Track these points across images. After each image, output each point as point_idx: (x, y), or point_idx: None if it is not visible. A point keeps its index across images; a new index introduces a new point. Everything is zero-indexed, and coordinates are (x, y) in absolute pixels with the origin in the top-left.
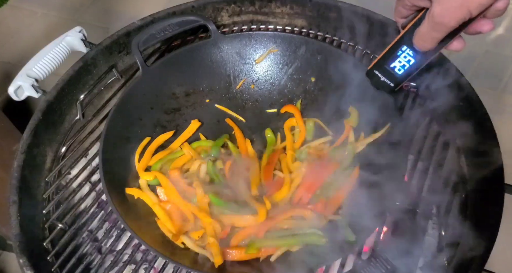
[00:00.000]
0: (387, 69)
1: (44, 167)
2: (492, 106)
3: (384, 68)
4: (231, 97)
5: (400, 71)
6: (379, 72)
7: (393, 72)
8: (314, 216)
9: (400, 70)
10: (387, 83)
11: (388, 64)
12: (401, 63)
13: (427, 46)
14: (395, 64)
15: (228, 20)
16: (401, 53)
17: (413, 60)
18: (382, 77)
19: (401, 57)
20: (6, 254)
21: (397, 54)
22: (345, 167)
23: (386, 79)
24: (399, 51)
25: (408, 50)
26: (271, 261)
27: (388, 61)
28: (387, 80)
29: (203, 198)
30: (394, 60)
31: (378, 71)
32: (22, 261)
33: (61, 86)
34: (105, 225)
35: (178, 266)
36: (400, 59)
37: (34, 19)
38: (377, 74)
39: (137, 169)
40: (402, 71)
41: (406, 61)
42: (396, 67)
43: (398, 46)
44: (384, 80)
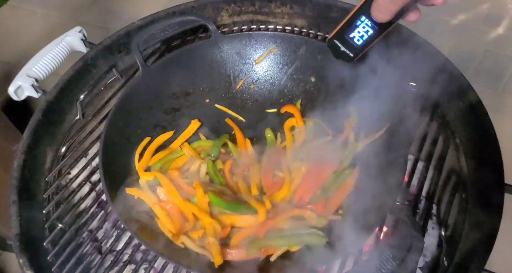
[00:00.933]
0: (346, 39)
1: (44, 167)
2: (492, 106)
3: (344, 38)
4: (231, 97)
5: (359, 41)
6: (339, 42)
7: (352, 42)
8: (314, 216)
9: (359, 40)
10: (346, 53)
11: (347, 34)
12: (360, 33)
13: (384, 18)
14: (354, 35)
15: (228, 20)
16: (360, 23)
17: (371, 30)
18: (342, 47)
19: (360, 27)
20: (6, 254)
21: (356, 24)
22: (345, 167)
23: (346, 49)
24: (358, 21)
25: (366, 21)
26: (271, 261)
27: (348, 31)
28: (346, 50)
29: (203, 198)
30: (353, 31)
31: (338, 41)
32: (22, 261)
33: (61, 86)
34: (105, 225)
35: (178, 266)
36: (359, 30)
37: (34, 19)
38: (337, 44)
39: (137, 169)
40: (361, 42)
41: (365, 31)
42: (355, 37)
43: (357, 16)
44: (344, 50)
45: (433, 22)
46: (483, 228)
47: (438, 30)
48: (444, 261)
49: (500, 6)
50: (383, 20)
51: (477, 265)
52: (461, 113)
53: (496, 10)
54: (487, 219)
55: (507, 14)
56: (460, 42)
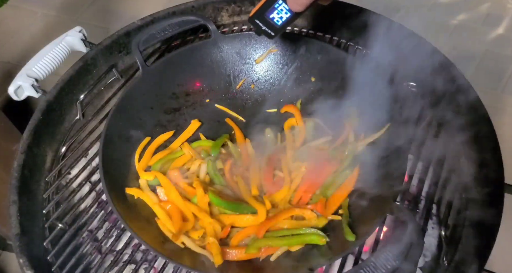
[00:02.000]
0: (266, 19)
1: (44, 167)
2: (492, 106)
3: (264, 18)
4: (231, 97)
5: (278, 22)
6: (260, 21)
7: (272, 22)
8: (314, 216)
9: (278, 21)
10: (267, 32)
11: (267, 15)
12: (279, 15)
13: (299, 9)
14: (273, 16)
15: (228, 20)
16: (278, 6)
17: (289, 14)
18: (263, 26)
19: (278, 9)
20: (6, 254)
21: (274, 6)
22: (345, 167)
23: (267, 29)
24: (275, 4)
25: (284, 5)
26: (271, 261)
27: (267, 12)
28: (267, 29)
29: (203, 198)
30: (272, 12)
31: (259, 20)
32: (22, 261)
33: (61, 86)
34: (105, 225)
35: (178, 266)
36: (277, 11)
37: (34, 19)
38: (258, 23)
39: (137, 169)
40: (280, 22)
41: (284, 13)
42: (274, 18)
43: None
44: (265, 29)
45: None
46: (483, 228)
47: (438, 30)
48: (444, 261)
49: (500, 6)
50: (299, 11)
51: (477, 265)
52: (461, 113)
53: (496, 10)
54: (487, 219)
55: (507, 14)
56: (460, 42)
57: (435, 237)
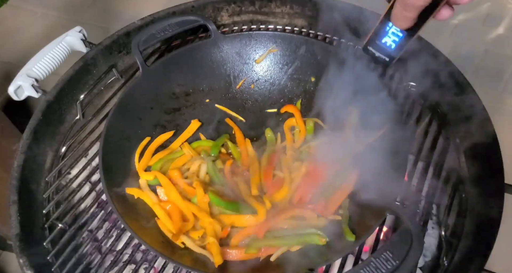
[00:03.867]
0: (379, 45)
1: (44, 167)
2: (492, 106)
3: (377, 44)
4: (231, 97)
5: (392, 46)
6: (373, 48)
7: (386, 47)
8: (314, 216)
9: (391, 45)
10: (382, 58)
11: (379, 40)
12: (391, 38)
13: (403, 25)
14: (386, 40)
15: (228, 20)
16: (389, 29)
17: (401, 34)
18: (377, 53)
19: (390, 33)
20: (6, 254)
21: (385, 30)
22: (345, 167)
23: (381, 55)
24: (386, 27)
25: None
26: (271, 261)
27: (379, 37)
28: (382, 55)
29: (203, 198)
30: (384, 36)
31: (372, 47)
32: (22, 261)
33: (61, 86)
34: (105, 225)
35: (178, 266)
36: (389, 35)
37: (34, 19)
38: (372, 50)
39: (137, 169)
40: (394, 46)
41: (396, 36)
42: (387, 42)
43: (385, 23)
44: (379, 56)
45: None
46: (483, 228)
47: (438, 30)
48: (444, 261)
49: (500, 6)
50: (403, 28)
51: (477, 265)
52: (461, 113)
53: (496, 10)
54: (487, 219)
55: (507, 14)
56: (460, 42)
57: (435, 237)
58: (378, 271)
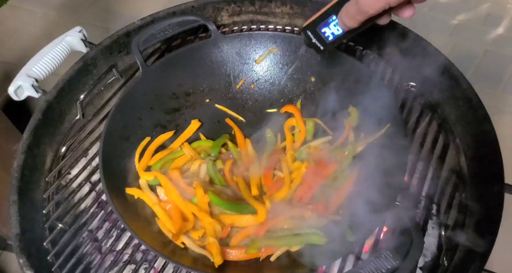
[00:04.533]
0: (318, 33)
1: (44, 167)
2: (492, 106)
3: (316, 31)
4: (231, 97)
5: (329, 37)
6: (311, 33)
7: (323, 37)
8: (314, 216)
9: (329, 37)
10: (317, 45)
11: (319, 29)
12: (330, 30)
13: (350, 25)
14: (325, 30)
15: (228, 20)
16: (331, 21)
17: (341, 30)
18: (314, 39)
19: (331, 25)
20: (6, 254)
21: (328, 21)
22: (345, 167)
23: (317, 42)
24: (330, 19)
25: (337, 21)
26: (271, 261)
27: (320, 25)
28: (317, 42)
29: (203, 198)
30: (325, 26)
31: (311, 32)
32: (22, 261)
33: (61, 86)
34: (105, 225)
35: (178, 266)
36: (330, 27)
37: (34, 19)
38: (310, 35)
39: (137, 169)
40: (331, 38)
41: (336, 29)
42: (326, 33)
43: (329, 14)
44: (315, 42)
45: (433, 22)
46: (483, 228)
47: (438, 30)
48: (444, 261)
49: (500, 6)
50: (350, 27)
51: (477, 265)
52: (461, 113)
53: (496, 10)
54: (487, 219)
55: (507, 14)
56: (460, 42)
57: (435, 237)
58: (378, 271)
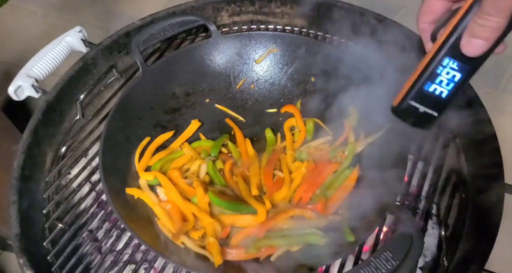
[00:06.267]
0: (424, 97)
1: (44, 167)
2: (492, 106)
3: (420, 96)
4: (231, 97)
5: (443, 93)
6: (416, 102)
7: (435, 97)
8: (314, 216)
9: (442, 92)
10: (427, 114)
11: (425, 89)
12: (443, 82)
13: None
14: (434, 88)
15: (228, 20)
16: (442, 69)
17: (458, 74)
18: (421, 107)
19: (443, 74)
20: (6, 254)
21: (436, 71)
22: (345, 167)
23: (428, 109)
24: (438, 67)
25: (451, 63)
26: (271, 261)
27: (425, 84)
28: (428, 110)
29: (203, 198)
30: (434, 81)
31: (415, 101)
32: (22, 261)
33: (61, 86)
34: (105, 225)
35: (178, 266)
36: (441, 78)
37: (34, 19)
38: (414, 105)
39: (137, 169)
40: (446, 93)
41: (450, 78)
42: (436, 90)
43: (436, 62)
44: (424, 111)
45: None
46: (483, 228)
47: None
48: (444, 261)
49: None
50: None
51: (477, 265)
52: (461, 113)
53: None
54: (487, 219)
55: None
56: None
57: (435, 237)
58: (378, 271)
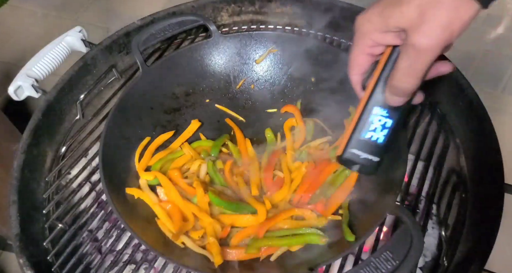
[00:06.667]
0: (363, 145)
1: (44, 167)
2: (492, 106)
3: (359, 144)
4: (231, 97)
5: (379, 139)
6: (356, 150)
7: (372, 142)
8: (314, 216)
9: (378, 138)
10: (369, 160)
11: (362, 138)
12: (377, 129)
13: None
14: (371, 135)
15: (228, 20)
16: (374, 117)
17: (389, 120)
18: (362, 154)
19: (375, 122)
20: (6, 254)
21: (369, 120)
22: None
23: (368, 155)
24: (370, 116)
25: (380, 111)
26: (271, 261)
27: (361, 134)
28: (368, 156)
29: (203, 198)
30: (369, 129)
31: (355, 149)
32: (22, 261)
33: (61, 86)
34: (105, 225)
35: (178, 266)
36: (375, 125)
37: (34, 19)
38: (355, 153)
39: (137, 169)
40: (382, 138)
41: (383, 124)
42: (373, 137)
43: (367, 111)
44: (365, 157)
45: None
46: (483, 228)
47: None
48: (444, 261)
49: (500, 6)
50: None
51: (477, 265)
52: (461, 113)
53: (496, 10)
54: (487, 219)
55: (507, 14)
56: (460, 42)
57: (435, 237)
58: (378, 271)
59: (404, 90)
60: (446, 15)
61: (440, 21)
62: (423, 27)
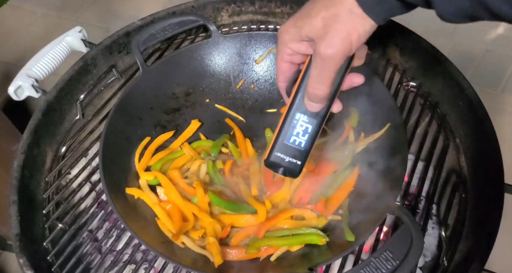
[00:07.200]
0: (287, 149)
1: (44, 167)
2: (492, 106)
3: (284, 148)
4: (231, 97)
5: (301, 143)
6: (281, 154)
7: (295, 146)
8: (314, 216)
9: (301, 142)
10: (293, 162)
11: (287, 143)
12: (299, 134)
13: (323, 93)
14: (294, 139)
15: (228, 20)
16: (296, 122)
17: (310, 126)
18: (286, 158)
19: (298, 127)
20: (6, 254)
21: (292, 125)
22: (345, 167)
23: (292, 159)
24: (293, 121)
25: (302, 117)
26: (271, 261)
27: (285, 137)
28: (292, 159)
29: (203, 198)
30: (292, 133)
31: (280, 153)
32: (22, 261)
33: (61, 86)
34: (105, 225)
35: (178, 266)
36: (297, 130)
37: (34, 19)
38: (280, 157)
39: (137, 169)
40: (304, 143)
41: (304, 129)
42: (296, 141)
43: (290, 117)
44: (289, 161)
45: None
46: (483, 228)
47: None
48: (444, 261)
49: None
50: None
51: (477, 265)
52: (461, 113)
53: None
54: (487, 219)
55: None
56: (460, 42)
57: (435, 237)
58: (378, 271)
59: (318, 97)
60: (345, 28)
61: (340, 33)
62: (326, 37)
